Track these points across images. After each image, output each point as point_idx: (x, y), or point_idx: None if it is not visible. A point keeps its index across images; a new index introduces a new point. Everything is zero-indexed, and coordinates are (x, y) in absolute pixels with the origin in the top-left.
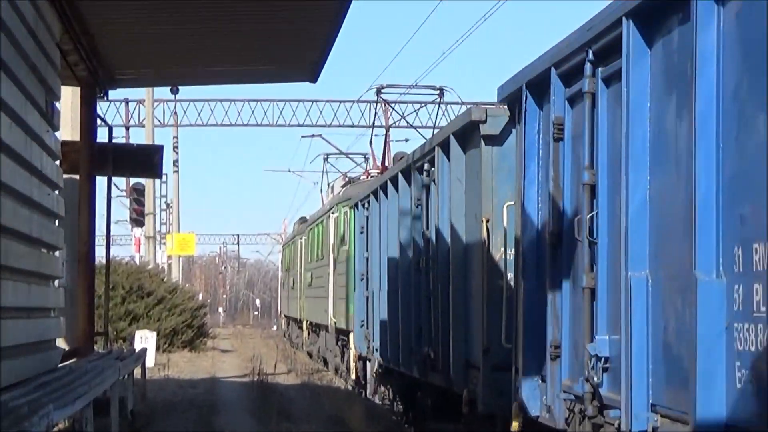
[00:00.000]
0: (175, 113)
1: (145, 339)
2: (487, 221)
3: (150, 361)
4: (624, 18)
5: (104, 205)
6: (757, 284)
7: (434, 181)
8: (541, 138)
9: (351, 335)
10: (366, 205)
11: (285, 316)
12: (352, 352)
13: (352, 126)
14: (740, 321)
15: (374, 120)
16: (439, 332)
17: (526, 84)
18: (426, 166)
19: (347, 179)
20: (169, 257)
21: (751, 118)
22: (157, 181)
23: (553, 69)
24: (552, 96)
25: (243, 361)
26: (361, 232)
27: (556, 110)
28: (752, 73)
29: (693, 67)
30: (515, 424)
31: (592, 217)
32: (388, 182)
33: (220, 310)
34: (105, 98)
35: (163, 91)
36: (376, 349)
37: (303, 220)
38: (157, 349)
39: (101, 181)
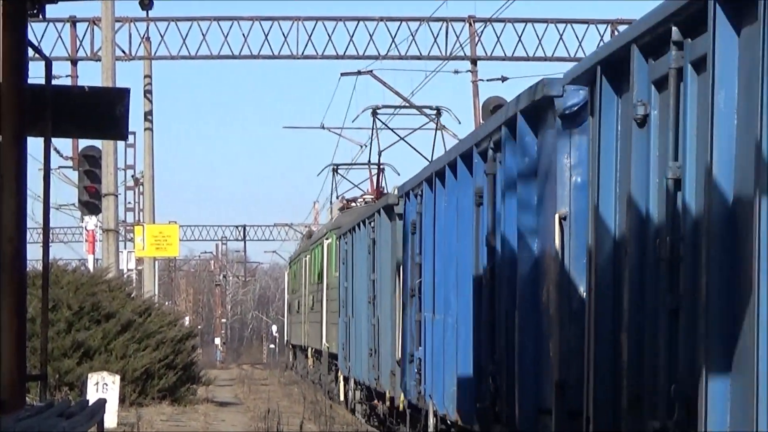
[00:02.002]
0: (148, 39)
1: (103, 386)
2: (399, 272)
3: (111, 420)
4: (455, 160)
5: (40, 182)
6: None
7: (376, 238)
8: (414, 223)
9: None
10: (345, 239)
11: (291, 345)
12: (340, 373)
13: (420, 57)
14: None
15: (371, 142)
16: (378, 353)
17: (406, 192)
18: (373, 224)
19: (344, 202)
20: (140, 261)
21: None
22: (121, 145)
23: (426, 181)
24: (415, 197)
25: (252, 420)
26: (343, 263)
27: (412, 213)
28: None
29: None
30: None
31: (419, 283)
32: (356, 227)
33: (218, 341)
34: (40, 17)
35: (130, 6)
36: (351, 368)
37: (310, 234)
38: (122, 401)
39: (35, 145)
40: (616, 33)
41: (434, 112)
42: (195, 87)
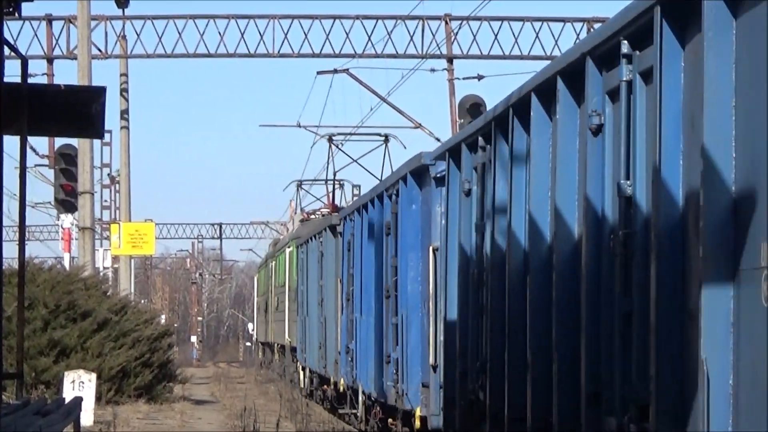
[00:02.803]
0: (124, 38)
1: (79, 384)
2: (340, 280)
3: (87, 418)
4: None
5: (16, 180)
6: None
7: (323, 251)
8: (349, 242)
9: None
10: (302, 249)
11: (260, 343)
12: (299, 364)
13: (396, 56)
14: None
15: (328, 164)
16: (325, 346)
17: (344, 216)
18: (321, 239)
19: (304, 214)
20: (116, 259)
21: None
22: (97, 143)
23: (356, 210)
24: (350, 221)
25: (229, 419)
26: (300, 270)
27: (348, 234)
28: None
29: None
30: (341, 387)
31: (352, 290)
32: (309, 239)
33: (194, 339)
34: (16, 14)
35: (106, 4)
36: (307, 359)
37: (276, 242)
38: (98, 399)
39: (10, 143)
40: (592, 30)
41: (382, 137)
42: (171, 85)
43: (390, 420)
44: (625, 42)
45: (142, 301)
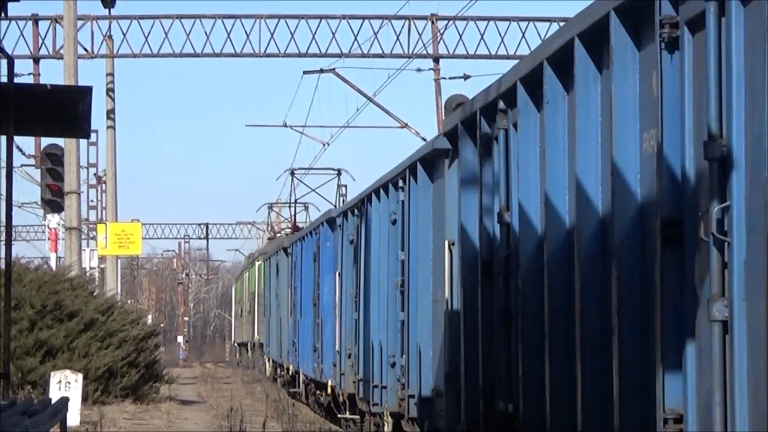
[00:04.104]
0: (110, 38)
1: (65, 384)
2: (289, 290)
3: (74, 418)
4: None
5: (2, 180)
6: None
7: (279, 267)
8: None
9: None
10: (267, 263)
11: (237, 344)
12: (265, 356)
13: (382, 56)
14: None
15: (290, 193)
16: (280, 341)
17: (293, 242)
18: (277, 257)
19: (272, 233)
20: (102, 259)
21: None
22: (83, 143)
23: (299, 239)
24: (296, 246)
25: (215, 419)
26: (265, 280)
27: (294, 256)
28: None
29: None
30: (290, 371)
31: (296, 299)
32: (270, 257)
33: (180, 339)
34: (2, 15)
35: (92, 4)
36: (270, 352)
37: (250, 256)
38: (85, 399)
39: None
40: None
41: (335, 171)
42: (157, 85)
43: (318, 392)
44: (401, 179)
45: (129, 302)
